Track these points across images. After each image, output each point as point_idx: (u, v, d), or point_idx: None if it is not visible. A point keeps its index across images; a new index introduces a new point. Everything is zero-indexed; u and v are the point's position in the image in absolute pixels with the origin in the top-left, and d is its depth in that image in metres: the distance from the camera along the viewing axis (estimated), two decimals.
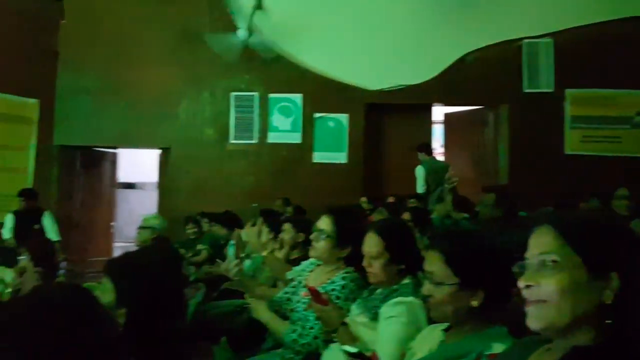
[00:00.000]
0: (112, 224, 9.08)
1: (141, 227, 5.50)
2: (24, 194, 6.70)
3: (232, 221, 5.44)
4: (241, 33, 7.54)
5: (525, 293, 1.20)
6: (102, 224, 8.84)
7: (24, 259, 4.48)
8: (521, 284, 1.20)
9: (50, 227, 6.62)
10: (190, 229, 6.10)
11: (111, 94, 7.99)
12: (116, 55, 7.96)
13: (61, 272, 4.34)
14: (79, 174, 8.47)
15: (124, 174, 9.71)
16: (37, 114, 8.14)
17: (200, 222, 6.15)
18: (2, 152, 7.79)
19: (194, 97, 8.12)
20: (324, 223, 2.76)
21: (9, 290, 4.75)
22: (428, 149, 7.14)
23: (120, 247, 9.00)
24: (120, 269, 1.96)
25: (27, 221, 6.43)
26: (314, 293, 2.33)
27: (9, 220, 6.53)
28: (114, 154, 9.08)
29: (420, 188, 6.78)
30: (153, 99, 8.04)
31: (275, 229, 4.13)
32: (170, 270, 2.13)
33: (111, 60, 7.97)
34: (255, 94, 8.09)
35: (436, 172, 6.54)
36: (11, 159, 7.87)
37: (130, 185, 11.39)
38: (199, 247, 5.77)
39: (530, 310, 1.19)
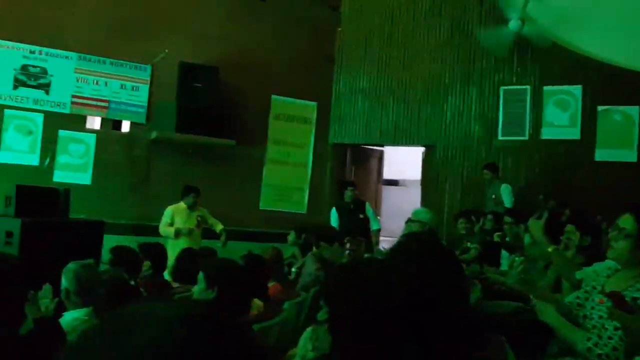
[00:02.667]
0: (378, 218, 9.50)
1: (410, 221, 5.61)
2: (353, 184, 7.33)
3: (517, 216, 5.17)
4: (513, 24, 7.17)
5: None
6: None
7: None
8: None
9: (372, 216, 7.25)
10: (462, 225, 6.01)
11: (381, 94, 8.36)
12: (388, 57, 8.31)
13: (347, 253, 4.69)
14: (349, 169, 9.04)
15: (387, 171, 10.07)
16: (315, 115, 8.98)
17: (472, 218, 6.03)
18: (288, 149, 8.78)
19: (461, 93, 8.01)
20: (626, 221, 2.41)
21: (295, 269, 5.30)
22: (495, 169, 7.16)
23: (384, 241, 9.36)
24: (403, 252, 1.97)
25: (353, 212, 7.04)
26: (618, 300, 2.02)
27: (334, 213, 7.16)
28: (381, 152, 9.49)
29: (509, 204, 6.73)
30: (421, 97, 8.18)
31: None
32: (447, 259, 2.06)
33: (383, 61, 8.35)
34: (527, 87, 7.62)
35: None
36: (294, 155, 8.82)
37: (393, 182, 11.78)
38: (469, 245, 5.64)
39: None
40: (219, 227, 6.72)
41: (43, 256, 3.71)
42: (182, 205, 6.66)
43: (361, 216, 7.01)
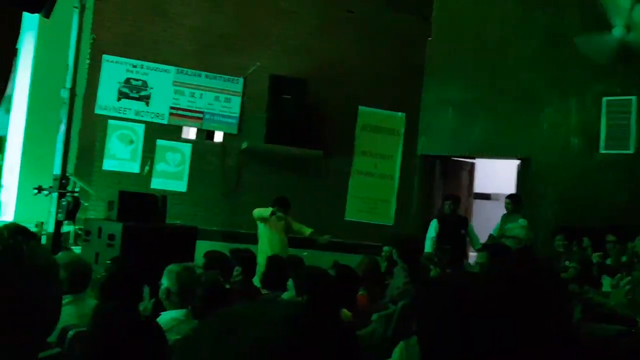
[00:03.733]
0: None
1: (504, 237, 5.42)
2: (454, 198, 7.24)
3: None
4: (617, 31, 6.75)
5: None
6: None
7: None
8: None
9: (474, 236, 7.13)
10: (559, 242, 5.68)
11: (473, 105, 8.13)
12: (480, 66, 8.08)
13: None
14: (438, 182, 8.84)
15: (479, 184, 9.75)
16: (403, 126, 8.88)
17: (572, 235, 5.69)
18: (374, 160, 8.74)
19: (559, 104, 7.63)
20: None
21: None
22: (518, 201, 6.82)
23: (473, 256, 9.05)
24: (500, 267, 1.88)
25: (453, 225, 6.97)
26: None
27: (434, 224, 7.12)
28: (472, 164, 9.21)
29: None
30: (514, 107, 7.88)
31: None
32: (548, 276, 1.94)
33: (475, 71, 8.12)
34: (633, 97, 7.14)
35: None
36: (381, 166, 8.76)
37: (485, 196, 11.40)
38: (567, 263, 5.33)
39: None
40: (308, 230, 6.71)
41: (141, 258, 3.90)
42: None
43: (462, 232, 6.90)
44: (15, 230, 1.09)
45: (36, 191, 5.31)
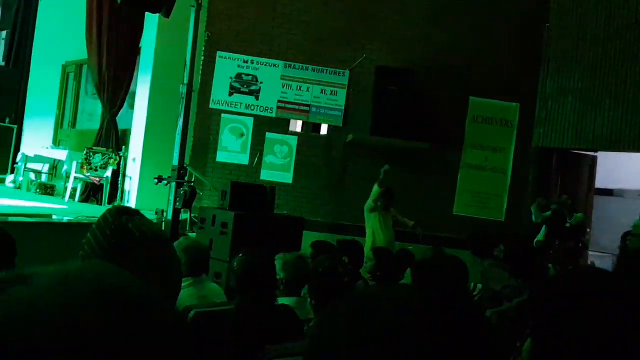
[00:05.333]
0: (587, 230, 8.59)
1: (631, 234, 4.99)
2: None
3: None
4: None
5: None
6: None
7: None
8: None
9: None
10: None
11: (596, 95, 7.55)
12: (605, 52, 7.49)
13: None
14: (555, 176, 8.33)
15: (601, 179, 9.06)
16: (517, 117, 8.44)
17: None
18: (486, 153, 8.39)
19: None
20: None
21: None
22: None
23: (595, 256, 8.46)
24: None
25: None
26: None
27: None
28: (593, 158, 8.57)
29: None
30: None
31: None
32: None
33: (599, 58, 7.54)
34: None
35: None
36: (492, 159, 8.40)
37: (607, 192, 10.60)
38: None
39: None
40: (411, 223, 6.69)
41: (251, 246, 4.01)
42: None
43: (567, 225, 6.52)
44: (118, 212, 1.15)
45: (156, 181, 5.64)
